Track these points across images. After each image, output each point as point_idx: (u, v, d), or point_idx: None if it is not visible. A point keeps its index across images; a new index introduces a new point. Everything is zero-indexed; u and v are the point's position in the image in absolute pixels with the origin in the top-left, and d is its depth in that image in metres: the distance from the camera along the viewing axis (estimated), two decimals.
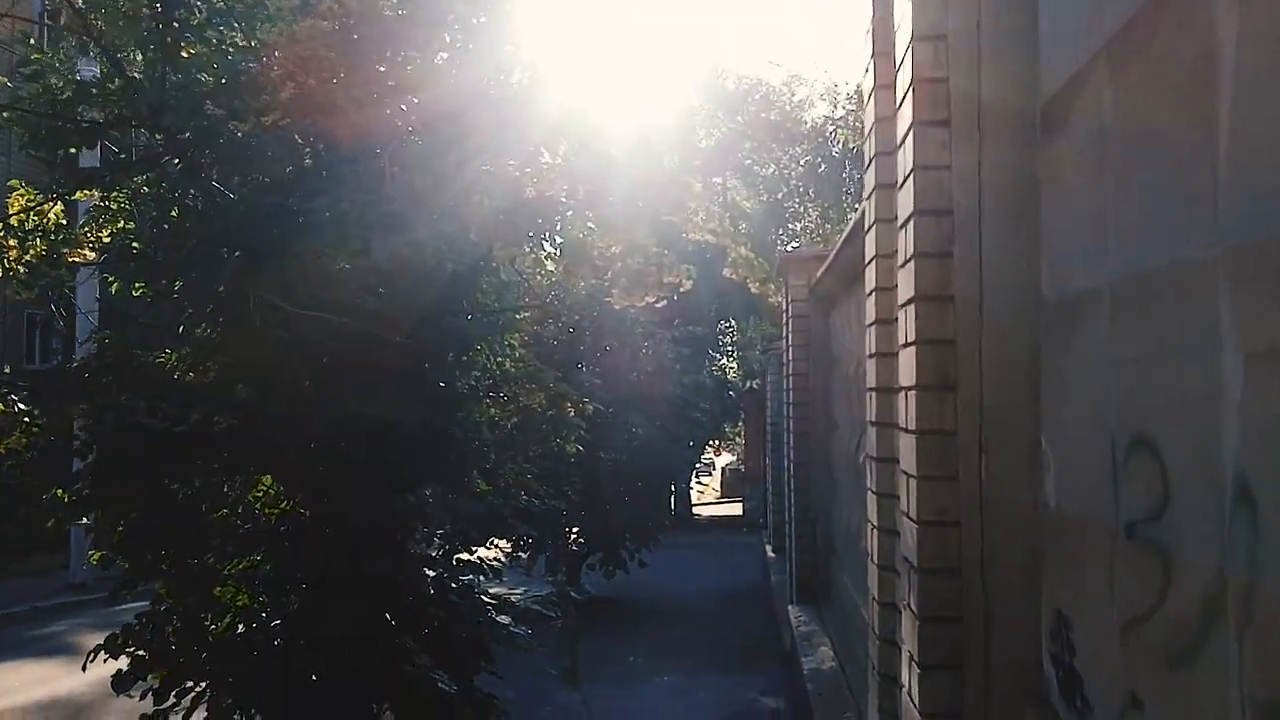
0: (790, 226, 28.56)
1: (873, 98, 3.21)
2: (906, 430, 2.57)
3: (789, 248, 23.29)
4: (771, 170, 29.17)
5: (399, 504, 5.10)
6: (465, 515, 5.39)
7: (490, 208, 4.92)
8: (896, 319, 2.80)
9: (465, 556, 6.32)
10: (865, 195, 3.40)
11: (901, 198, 2.61)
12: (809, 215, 29.02)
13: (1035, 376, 2.34)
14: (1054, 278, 2.26)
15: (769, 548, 13.13)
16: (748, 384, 26.73)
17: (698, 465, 27.56)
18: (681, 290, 4.80)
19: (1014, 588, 2.34)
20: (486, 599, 5.35)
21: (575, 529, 12.68)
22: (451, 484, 5.69)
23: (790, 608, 7.60)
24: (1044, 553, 2.29)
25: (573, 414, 5.57)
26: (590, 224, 4.60)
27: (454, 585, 5.32)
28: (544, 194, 4.94)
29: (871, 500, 3.29)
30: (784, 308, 8.37)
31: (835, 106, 29.04)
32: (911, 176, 2.49)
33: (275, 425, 4.56)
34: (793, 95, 29.37)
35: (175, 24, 4.46)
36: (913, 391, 2.48)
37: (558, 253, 4.85)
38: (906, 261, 2.55)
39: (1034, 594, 2.31)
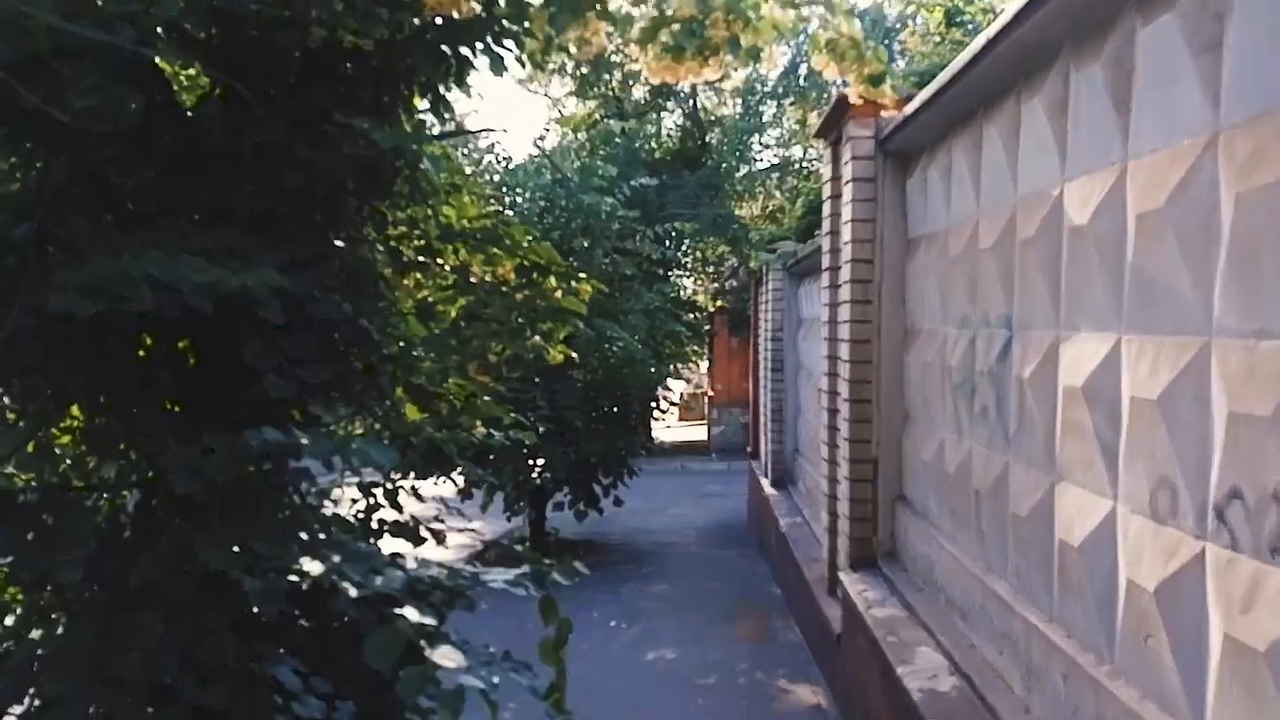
0: (763, 136, 25.60)
1: None
2: None
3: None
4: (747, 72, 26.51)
5: (258, 446, 2.94)
6: (380, 464, 3.21)
7: None
8: None
9: (392, 515, 4.17)
10: None
11: None
12: (786, 122, 26.26)
13: None
14: None
15: (766, 481, 11.18)
16: (716, 302, 24.82)
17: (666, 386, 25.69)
18: (764, 67, 2.59)
19: None
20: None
21: (540, 460, 10.56)
22: (357, 407, 3.59)
23: (843, 575, 5.61)
24: None
25: (559, 295, 3.42)
26: None
27: (357, 594, 3.12)
28: None
29: None
30: (833, 174, 6.20)
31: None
32: None
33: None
34: None
35: None
36: None
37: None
38: None
39: None
